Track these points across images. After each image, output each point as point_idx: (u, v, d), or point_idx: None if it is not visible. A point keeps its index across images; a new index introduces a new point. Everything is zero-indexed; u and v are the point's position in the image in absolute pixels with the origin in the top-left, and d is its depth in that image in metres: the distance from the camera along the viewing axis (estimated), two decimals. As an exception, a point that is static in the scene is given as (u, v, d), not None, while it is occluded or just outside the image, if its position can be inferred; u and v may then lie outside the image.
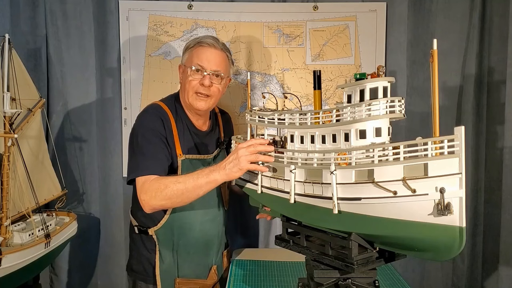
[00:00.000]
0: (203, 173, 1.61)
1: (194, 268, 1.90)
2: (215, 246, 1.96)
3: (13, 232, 2.00)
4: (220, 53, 1.85)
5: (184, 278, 1.88)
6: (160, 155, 1.76)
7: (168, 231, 1.84)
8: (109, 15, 2.47)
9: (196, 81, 1.82)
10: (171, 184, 1.63)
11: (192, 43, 1.87)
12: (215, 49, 1.84)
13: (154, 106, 1.88)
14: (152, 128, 1.79)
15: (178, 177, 1.67)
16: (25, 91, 2.13)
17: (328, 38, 2.52)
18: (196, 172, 1.63)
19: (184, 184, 1.61)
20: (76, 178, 2.58)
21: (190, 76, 1.82)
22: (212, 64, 1.82)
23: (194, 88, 1.82)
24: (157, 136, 1.78)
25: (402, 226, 1.19)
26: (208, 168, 1.62)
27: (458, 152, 1.11)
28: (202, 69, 1.81)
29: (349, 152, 1.29)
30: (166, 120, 1.83)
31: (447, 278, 2.61)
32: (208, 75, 1.81)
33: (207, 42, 1.83)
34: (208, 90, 1.83)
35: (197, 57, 1.82)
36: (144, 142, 1.76)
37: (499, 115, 2.43)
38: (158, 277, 1.84)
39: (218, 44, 1.85)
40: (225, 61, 1.87)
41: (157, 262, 1.85)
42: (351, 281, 1.42)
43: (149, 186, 1.66)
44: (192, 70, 1.81)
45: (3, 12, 2.43)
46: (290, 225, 1.59)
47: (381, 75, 1.30)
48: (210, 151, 1.94)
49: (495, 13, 2.44)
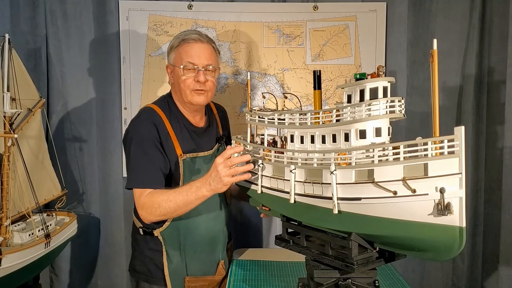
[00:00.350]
0: (192, 190, 1.66)
1: (202, 266, 1.91)
2: (221, 242, 1.96)
3: (13, 232, 2.00)
4: (207, 46, 1.84)
5: (193, 276, 1.88)
6: (155, 165, 1.77)
7: (174, 232, 1.85)
8: (109, 15, 2.48)
9: (190, 79, 1.81)
10: (163, 203, 1.69)
11: (176, 41, 1.85)
12: (201, 43, 1.83)
13: (147, 110, 1.87)
14: (145, 136, 1.79)
15: (169, 195, 1.70)
16: (25, 91, 2.13)
17: (328, 38, 2.52)
18: (185, 188, 1.68)
19: (175, 203, 1.68)
20: (76, 178, 2.58)
21: (184, 75, 1.81)
22: (202, 59, 1.82)
23: (190, 86, 1.82)
24: (151, 145, 1.78)
25: (402, 226, 1.19)
26: (196, 184, 1.66)
27: (458, 152, 1.11)
28: (194, 65, 1.81)
29: (349, 152, 1.29)
30: (160, 124, 1.82)
31: (447, 278, 2.61)
32: (202, 71, 1.81)
33: (192, 37, 1.82)
34: (204, 85, 1.83)
35: (186, 55, 1.81)
36: (138, 152, 1.78)
37: (499, 115, 2.43)
38: (168, 277, 1.84)
39: (202, 37, 1.84)
40: (213, 53, 1.87)
41: (165, 263, 1.85)
42: (351, 281, 1.42)
43: (144, 203, 1.73)
44: (184, 69, 1.81)
45: (3, 12, 2.43)
46: (290, 225, 1.59)
47: (381, 75, 1.30)
48: (210, 147, 1.94)
49: (495, 13, 2.45)
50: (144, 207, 1.73)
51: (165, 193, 1.72)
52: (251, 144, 1.68)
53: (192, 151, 1.86)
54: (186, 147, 1.85)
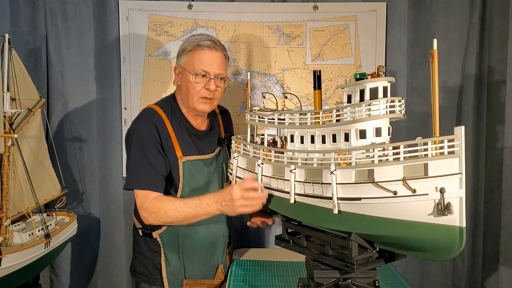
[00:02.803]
0: (202, 205, 1.68)
1: (200, 269, 1.91)
2: (220, 246, 1.96)
3: (13, 232, 2.00)
4: (220, 55, 1.84)
5: (191, 279, 1.88)
6: (155, 167, 1.77)
7: (173, 234, 1.84)
8: (109, 15, 2.47)
9: (200, 86, 1.80)
10: (170, 213, 1.70)
11: (190, 45, 1.83)
12: (216, 51, 1.82)
13: (148, 111, 1.87)
14: (146, 137, 1.78)
15: (177, 206, 1.71)
16: (25, 91, 2.13)
17: (328, 38, 2.52)
18: (195, 203, 1.69)
19: (184, 214, 1.70)
20: (76, 178, 2.58)
21: (195, 82, 1.80)
22: (215, 67, 1.81)
23: (199, 93, 1.81)
24: (151, 146, 1.78)
25: (402, 226, 1.19)
26: (206, 200, 1.68)
27: (458, 152, 1.11)
28: (206, 74, 1.80)
29: (349, 152, 1.29)
30: (161, 126, 1.82)
31: (447, 278, 2.61)
32: (213, 80, 1.80)
33: (207, 44, 1.81)
34: (213, 94, 1.82)
35: (199, 62, 1.80)
36: (139, 153, 1.78)
37: (499, 115, 2.43)
38: (165, 279, 1.84)
39: (216, 44, 1.83)
40: (225, 61, 1.87)
41: (163, 265, 1.85)
42: (351, 281, 1.42)
43: (149, 207, 1.73)
44: (197, 76, 1.79)
45: (3, 12, 2.43)
46: (290, 225, 1.59)
47: (381, 75, 1.30)
48: (211, 150, 1.94)
49: (495, 13, 2.45)
50: (149, 211, 1.73)
51: (173, 203, 1.72)
52: (251, 144, 1.68)
53: (192, 154, 1.85)
54: (187, 150, 1.85)
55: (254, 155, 1.64)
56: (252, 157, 1.63)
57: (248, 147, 1.68)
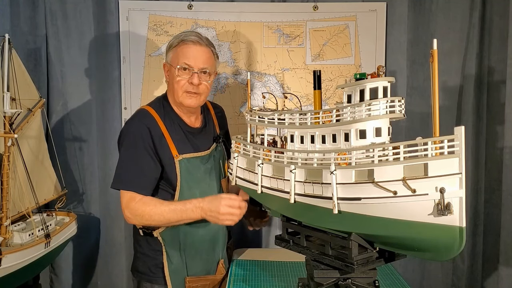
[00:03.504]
0: (187, 212, 1.74)
1: (202, 265, 1.91)
2: (221, 241, 1.96)
3: (13, 232, 2.00)
4: (205, 49, 1.84)
5: (194, 276, 1.88)
6: (145, 169, 1.78)
7: (174, 232, 1.85)
8: (109, 15, 2.48)
9: (184, 80, 1.81)
10: (155, 216, 1.75)
11: (175, 41, 1.85)
12: (200, 46, 1.82)
13: (140, 113, 1.87)
14: (137, 139, 1.79)
15: (162, 211, 1.74)
16: (25, 91, 2.13)
17: (328, 38, 2.52)
18: (180, 208, 1.74)
19: (168, 220, 1.76)
20: (76, 178, 2.58)
21: (178, 76, 1.81)
22: (199, 61, 1.81)
23: (183, 87, 1.82)
24: (141, 149, 1.78)
25: (402, 226, 1.19)
26: (192, 206, 1.73)
27: (458, 152, 1.11)
28: (189, 67, 1.81)
29: (349, 152, 1.29)
30: (153, 126, 1.82)
31: (447, 278, 2.61)
32: (196, 74, 1.81)
33: (191, 39, 1.82)
34: (197, 88, 1.82)
35: (183, 56, 1.81)
36: (128, 155, 1.80)
37: (499, 115, 2.43)
38: (168, 277, 1.84)
39: (202, 40, 1.84)
40: (211, 57, 1.86)
41: (165, 263, 1.85)
42: (351, 281, 1.42)
43: (133, 209, 1.76)
44: (180, 69, 1.80)
45: (3, 12, 2.43)
46: (290, 225, 1.59)
47: (381, 75, 1.30)
48: (206, 147, 1.94)
49: (495, 13, 2.45)
50: (134, 213, 1.76)
51: (158, 207, 1.75)
52: (251, 144, 1.68)
53: (187, 152, 1.85)
54: (182, 148, 1.85)
55: (254, 155, 1.64)
56: (252, 157, 1.63)
57: (248, 147, 1.68)
